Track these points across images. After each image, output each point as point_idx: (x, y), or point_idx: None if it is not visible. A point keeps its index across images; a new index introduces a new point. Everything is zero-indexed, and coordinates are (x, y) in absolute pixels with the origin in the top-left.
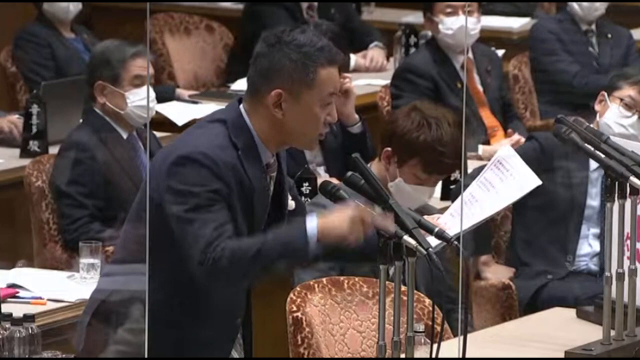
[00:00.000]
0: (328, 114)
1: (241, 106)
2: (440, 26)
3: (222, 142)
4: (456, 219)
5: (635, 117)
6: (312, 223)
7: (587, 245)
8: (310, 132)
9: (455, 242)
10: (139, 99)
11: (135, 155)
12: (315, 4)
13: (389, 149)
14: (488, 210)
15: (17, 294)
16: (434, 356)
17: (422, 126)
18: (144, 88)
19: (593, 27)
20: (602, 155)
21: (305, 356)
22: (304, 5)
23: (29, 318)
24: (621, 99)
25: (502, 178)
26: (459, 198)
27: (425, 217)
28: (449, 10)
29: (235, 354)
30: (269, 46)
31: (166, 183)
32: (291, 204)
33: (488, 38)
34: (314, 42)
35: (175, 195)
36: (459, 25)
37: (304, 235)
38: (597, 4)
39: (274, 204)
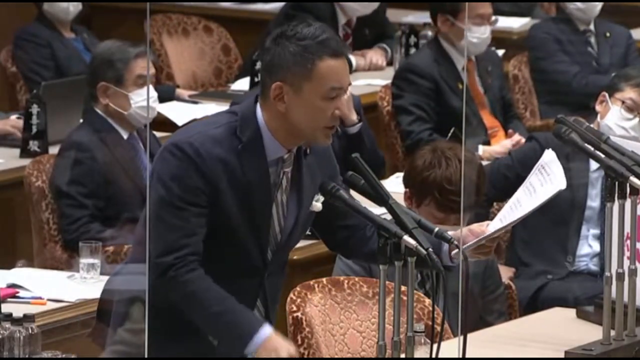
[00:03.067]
0: (336, 108)
1: (258, 101)
2: (467, 34)
3: (221, 134)
4: (504, 224)
5: (637, 119)
6: (261, 336)
7: (587, 246)
8: (316, 125)
9: (455, 242)
10: (142, 100)
11: (135, 155)
12: (354, 19)
13: (407, 189)
14: (522, 210)
15: (17, 294)
16: (434, 356)
17: (433, 165)
18: (147, 88)
19: (591, 26)
20: (602, 155)
21: (305, 356)
22: (342, 20)
23: (29, 318)
24: (622, 101)
25: (542, 183)
26: (507, 204)
27: (475, 224)
28: (479, 20)
29: None
30: (272, 41)
31: (152, 168)
32: (317, 205)
33: None
34: (316, 35)
35: (155, 182)
36: (487, 35)
37: (248, 340)
38: (595, 2)
39: (290, 201)
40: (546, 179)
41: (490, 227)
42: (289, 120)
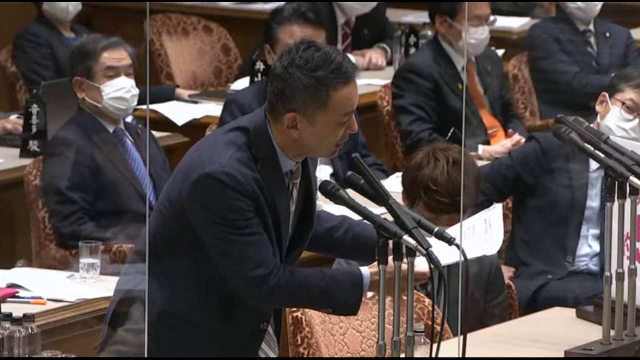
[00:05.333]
0: (349, 128)
1: (266, 114)
2: (465, 35)
3: (246, 156)
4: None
5: (637, 120)
6: (367, 280)
7: (587, 246)
8: (328, 146)
9: (456, 242)
10: (113, 91)
11: (123, 148)
12: (353, 19)
13: (403, 190)
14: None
15: (17, 294)
16: (434, 356)
17: (422, 166)
18: (119, 80)
19: (591, 26)
20: (602, 156)
21: (305, 356)
22: (341, 20)
23: (29, 318)
24: (623, 103)
25: (486, 239)
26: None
27: None
28: (477, 21)
29: (270, 353)
30: (283, 68)
31: (193, 203)
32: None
33: None
34: (327, 63)
35: (208, 220)
36: (485, 36)
37: (360, 291)
38: (595, 2)
39: (301, 210)
40: (487, 237)
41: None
42: (302, 144)
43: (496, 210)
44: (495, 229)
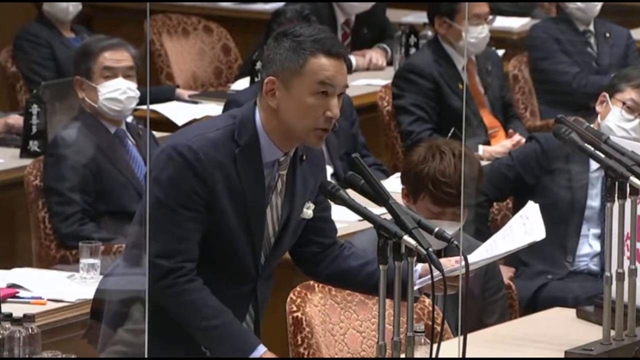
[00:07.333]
0: (327, 109)
1: (257, 100)
2: (464, 34)
3: (219, 137)
4: (471, 261)
5: (637, 120)
6: (257, 354)
7: (587, 246)
8: (306, 123)
9: (455, 242)
10: (109, 92)
11: (123, 149)
12: (352, 19)
13: (404, 187)
14: (493, 252)
15: (17, 294)
16: (434, 356)
17: (427, 159)
18: (115, 80)
19: (591, 27)
20: (602, 156)
21: (305, 356)
22: (341, 19)
23: (29, 318)
24: (623, 102)
25: (524, 231)
26: (483, 245)
27: (444, 259)
28: (476, 20)
29: None
30: (274, 37)
31: (151, 171)
32: (308, 212)
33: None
34: (313, 34)
35: (153, 184)
36: (484, 35)
37: (245, 355)
38: (595, 2)
39: (284, 204)
40: (527, 228)
41: (457, 263)
42: (280, 117)
43: (530, 205)
44: (532, 220)
